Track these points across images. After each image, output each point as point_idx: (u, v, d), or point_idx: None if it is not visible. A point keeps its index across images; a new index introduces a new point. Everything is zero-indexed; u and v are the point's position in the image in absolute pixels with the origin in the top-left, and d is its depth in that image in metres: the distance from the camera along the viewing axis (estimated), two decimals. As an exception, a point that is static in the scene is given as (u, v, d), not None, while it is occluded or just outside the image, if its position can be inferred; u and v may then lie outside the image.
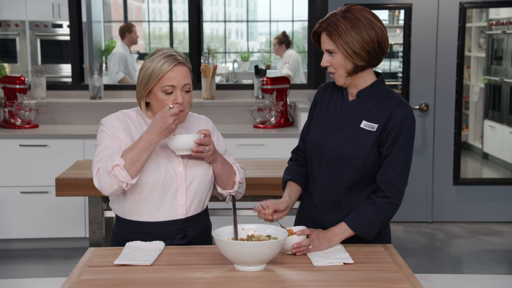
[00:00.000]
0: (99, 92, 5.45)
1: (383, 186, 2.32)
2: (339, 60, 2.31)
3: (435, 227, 5.64)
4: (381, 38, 2.30)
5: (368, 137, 2.33)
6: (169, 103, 2.29)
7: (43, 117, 5.36)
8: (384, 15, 7.57)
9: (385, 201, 2.32)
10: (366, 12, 2.31)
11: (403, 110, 2.33)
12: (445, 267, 4.75)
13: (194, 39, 5.63)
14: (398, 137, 2.31)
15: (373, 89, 2.38)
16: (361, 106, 2.38)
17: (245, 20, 12.37)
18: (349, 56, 2.29)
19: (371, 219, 2.31)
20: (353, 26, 2.27)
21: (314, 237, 2.25)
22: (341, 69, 2.33)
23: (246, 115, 5.40)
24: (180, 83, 2.31)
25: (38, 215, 4.92)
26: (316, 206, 2.44)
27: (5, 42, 8.13)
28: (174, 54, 2.31)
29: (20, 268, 4.67)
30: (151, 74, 2.29)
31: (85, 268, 2.13)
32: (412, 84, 5.65)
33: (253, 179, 3.67)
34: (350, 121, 2.37)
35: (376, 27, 2.29)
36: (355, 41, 2.27)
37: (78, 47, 5.61)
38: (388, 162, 2.32)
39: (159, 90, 2.30)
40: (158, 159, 2.34)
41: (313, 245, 2.25)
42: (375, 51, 2.31)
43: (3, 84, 5.18)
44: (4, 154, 4.87)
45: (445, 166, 5.70)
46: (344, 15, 2.29)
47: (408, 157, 2.34)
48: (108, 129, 2.32)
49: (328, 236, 2.29)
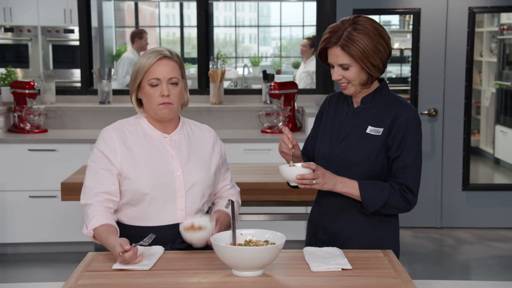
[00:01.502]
0: (108, 97, 5.48)
1: (398, 186, 2.33)
2: (354, 73, 2.30)
3: (444, 232, 5.60)
4: (390, 47, 2.32)
5: (375, 142, 2.34)
6: (157, 96, 2.35)
7: (52, 122, 5.40)
8: (395, 20, 7.55)
9: (400, 192, 2.31)
10: (374, 21, 2.31)
11: (407, 111, 2.33)
12: (453, 273, 4.72)
13: (202, 44, 5.65)
14: (405, 139, 2.31)
15: (376, 94, 2.39)
16: (366, 112, 2.39)
17: (255, 25, 12.38)
18: (367, 68, 2.28)
19: (381, 196, 2.30)
20: (368, 37, 2.26)
21: (319, 173, 2.26)
22: (355, 81, 2.33)
23: (254, 120, 5.41)
24: (166, 76, 2.35)
25: (46, 219, 4.95)
26: (326, 213, 2.44)
27: (18, 47, 8.20)
28: (160, 50, 2.38)
29: (28, 272, 4.70)
30: (139, 69, 2.36)
31: (84, 273, 2.14)
32: (421, 89, 5.63)
33: (258, 184, 3.68)
34: (356, 127, 2.38)
35: (386, 36, 2.31)
36: (371, 52, 2.26)
37: (87, 52, 5.65)
38: (399, 166, 2.32)
39: (146, 84, 2.35)
40: (156, 163, 2.36)
41: (317, 181, 2.26)
42: (387, 61, 2.33)
43: (13, 89, 5.22)
44: (13, 158, 4.90)
45: (454, 171, 5.66)
46: (355, 27, 2.27)
47: (418, 159, 2.35)
48: (102, 147, 2.37)
49: (334, 180, 2.30)
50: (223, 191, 2.57)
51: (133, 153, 2.36)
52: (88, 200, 2.34)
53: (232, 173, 3.85)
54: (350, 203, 2.39)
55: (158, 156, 2.38)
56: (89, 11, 5.66)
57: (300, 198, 3.70)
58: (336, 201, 2.40)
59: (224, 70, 5.49)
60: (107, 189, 2.34)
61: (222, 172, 2.56)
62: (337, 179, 2.31)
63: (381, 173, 2.35)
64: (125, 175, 2.34)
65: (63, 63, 8.16)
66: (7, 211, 4.93)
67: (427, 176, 5.63)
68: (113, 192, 2.35)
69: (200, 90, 5.65)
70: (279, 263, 2.20)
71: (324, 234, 2.44)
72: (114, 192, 2.35)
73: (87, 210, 2.33)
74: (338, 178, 2.31)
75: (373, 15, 5.94)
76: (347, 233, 2.40)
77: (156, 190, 2.33)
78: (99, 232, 2.27)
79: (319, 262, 2.19)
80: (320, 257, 2.24)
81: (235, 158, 4.88)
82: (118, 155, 2.35)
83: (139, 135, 2.41)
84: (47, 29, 8.04)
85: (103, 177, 2.34)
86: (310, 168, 2.26)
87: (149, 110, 2.39)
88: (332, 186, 2.30)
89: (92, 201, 2.33)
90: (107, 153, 2.36)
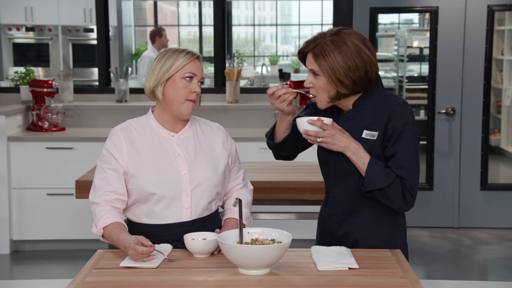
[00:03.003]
0: (125, 95, 5.52)
1: (402, 183, 2.28)
2: (322, 84, 2.25)
3: (462, 232, 5.55)
4: (368, 66, 2.23)
5: (370, 146, 2.28)
6: (187, 92, 2.37)
7: (70, 120, 5.45)
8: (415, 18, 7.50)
9: (402, 188, 2.25)
10: (356, 37, 2.24)
11: (400, 110, 2.27)
12: (470, 274, 4.68)
13: (219, 42, 5.66)
14: (399, 137, 2.25)
15: (368, 94, 2.31)
16: (359, 115, 2.32)
17: (274, 24, 12.38)
18: (333, 82, 2.22)
19: (383, 180, 2.23)
20: (340, 51, 2.20)
21: (326, 133, 2.23)
22: (323, 94, 2.27)
23: (270, 119, 5.40)
24: (199, 75, 2.40)
25: (63, 216, 5.00)
26: (331, 218, 2.43)
27: (39, 46, 8.29)
28: (192, 51, 2.42)
29: (45, 268, 4.75)
30: (174, 63, 2.36)
31: (92, 270, 2.16)
32: (439, 88, 5.58)
33: (270, 182, 3.68)
34: (351, 132, 2.31)
35: (364, 55, 2.22)
36: (340, 68, 2.20)
37: (105, 51, 5.69)
38: (394, 166, 2.25)
39: (180, 77, 2.36)
40: (162, 162, 2.37)
41: (323, 140, 2.23)
42: (361, 80, 2.24)
43: (32, 88, 5.28)
44: (31, 156, 4.96)
45: (473, 171, 5.61)
46: (333, 39, 2.22)
47: (416, 159, 2.27)
48: (109, 147, 2.40)
49: (346, 143, 2.25)
50: (234, 190, 2.57)
51: (139, 152, 2.38)
52: (96, 199, 2.36)
53: (246, 172, 3.87)
54: (353, 208, 2.36)
55: (164, 154, 2.39)
56: (107, 10, 5.70)
57: (314, 197, 3.69)
58: (341, 207, 2.38)
59: (241, 69, 5.50)
60: (115, 189, 2.36)
61: (234, 171, 2.55)
62: (350, 145, 2.25)
63: None
64: (131, 174, 2.36)
65: (83, 62, 8.23)
66: (25, 208, 4.99)
67: (445, 175, 5.59)
68: (120, 191, 2.36)
69: (217, 88, 5.67)
70: (286, 262, 2.20)
71: (331, 237, 2.43)
72: (121, 192, 2.37)
73: (95, 209, 2.35)
74: (353, 144, 2.25)
75: (390, 14, 5.91)
76: (354, 236, 2.38)
77: (162, 188, 2.35)
78: (109, 230, 2.29)
79: (326, 261, 2.18)
80: (328, 256, 2.23)
81: (250, 156, 4.88)
82: (125, 154, 2.37)
83: (146, 134, 2.42)
84: (67, 28, 8.12)
85: (110, 176, 2.36)
86: (316, 125, 2.22)
87: (173, 105, 2.37)
88: (342, 149, 2.25)
89: (99, 200, 2.35)
90: (114, 153, 2.37)
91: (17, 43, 8.18)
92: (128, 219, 2.45)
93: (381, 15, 5.86)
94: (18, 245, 5.10)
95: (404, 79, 6.34)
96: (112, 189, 2.35)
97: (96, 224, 2.33)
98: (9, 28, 8.10)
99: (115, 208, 2.36)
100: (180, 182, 2.36)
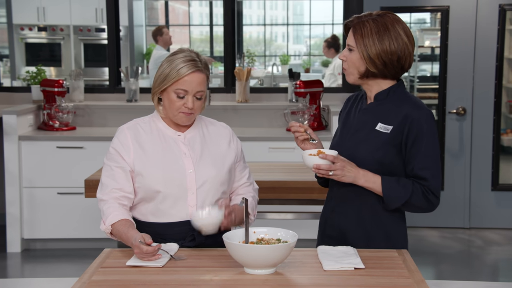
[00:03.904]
0: (135, 95, 5.54)
1: (421, 186, 2.31)
2: (354, 59, 2.33)
3: (472, 233, 5.53)
4: (402, 53, 2.30)
5: (382, 138, 2.32)
6: (180, 105, 2.36)
7: (80, 120, 5.48)
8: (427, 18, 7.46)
9: (422, 192, 2.29)
10: (398, 23, 2.31)
11: (419, 111, 2.30)
12: (481, 275, 4.65)
13: (229, 42, 5.66)
14: (419, 140, 2.28)
15: (391, 92, 2.37)
16: (378, 109, 2.37)
17: (285, 24, 12.37)
18: (364, 58, 2.30)
19: (404, 194, 2.28)
20: (378, 31, 2.28)
21: (338, 166, 2.25)
22: (353, 68, 2.34)
23: (279, 119, 5.40)
24: (194, 90, 2.36)
25: (74, 215, 5.03)
26: (336, 210, 2.43)
27: (51, 46, 8.34)
28: (195, 60, 2.36)
29: (55, 267, 4.78)
30: (169, 74, 2.35)
31: (98, 269, 2.17)
32: (449, 87, 5.55)
33: (279, 182, 3.68)
34: (365, 124, 2.37)
35: (401, 41, 2.29)
36: (373, 47, 2.28)
37: (115, 50, 5.71)
38: (418, 168, 2.29)
39: (173, 91, 2.36)
40: (168, 160, 2.38)
41: (334, 173, 2.25)
42: (392, 64, 2.31)
43: (43, 87, 5.31)
44: (42, 155, 4.99)
45: (484, 171, 5.58)
46: (376, 19, 2.30)
47: (437, 160, 2.31)
48: (116, 145, 2.42)
49: (355, 173, 2.28)
50: (239, 189, 2.57)
51: (145, 151, 2.39)
52: (104, 196, 2.38)
53: (255, 171, 3.88)
54: (360, 200, 2.37)
55: (170, 153, 2.40)
56: (117, 10, 5.72)
57: (322, 196, 3.67)
58: (348, 198, 2.39)
59: (250, 69, 5.50)
60: (122, 186, 2.37)
61: (239, 170, 2.56)
62: (358, 173, 2.29)
63: (392, 173, 2.32)
64: (137, 172, 2.37)
65: (94, 62, 8.27)
66: (36, 207, 5.02)
67: (455, 175, 5.56)
68: (127, 189, 2.38)
69: (226, 88, 5.67)
70: (292, 262, 2.20)
71: (332, 230, 2.43)
72: (128, 190, 2.38)
73: (103, 207, 2.36)
74: (361, 172, 2.29)
75: (400, 13, 5.88)
76: (354, 230, 2.39)
77: (167, 187, 2.36)
78: (117, 227, 2.30)
79: (332, 261, 2.18)
80: (334, 256, 2.23)
81: (259, 156, 4.89)
82: (131, 152, 2.39)
83: (153, 133, 2.43)
84: (79, 28, 8.16)
85: (117, 174, 2.38)
86: (327, 160, 2.25)
87: (169, 113, 2.41)
88: (352, 179, 2.29)
89: (107, 197, 2.37)
90: (121, 151, 2.39)
91: (29, 43, 8.23)
92: (134, 217, 2.46)
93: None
94: (29, 244, 5.13)
95: (416, 79, 6.32)
96: (119, 187, 2.37)
97: (104, 221, 2.34)
98: (22, 28, 8.15)
99: (123, 205, 2.37)
100: (186, 180, 2.37)
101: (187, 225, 2.38)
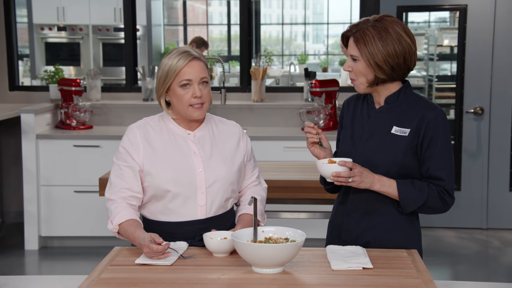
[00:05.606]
0: (151, 94, 5.57)
1: (436, 187, 2.31)
2: (360, 68, 2.30)
3: (490, 234, 5.47)
4: (407, 54, 2.28)
5: (401, 142, 2.31)
6: (188, 98, 2.36)
7: (97, 119, 5.52)
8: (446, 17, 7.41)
9: (438, 193, 2.30)
10: (398, 25, 2.29)
11: (433, 112, 2.30)
12: (497, 276, 4.61)
13: (244, 41, 5.67)
14: (434, 140, 2.28)
15: (401, 94, 2.36)
16: (390, 112, 2.36)
17: (302, 23, 12.35)
18: (371, 66, 2.27)
19: (420, 197, 2.28)
20: (380, 37, 2.26)
21: (356, 172, 2.25)
22: (361, 78, 2.32)
23: (295, 118, 5.40)
24: (197, 77, 2.37)
25: (90, 213, 5.07)
26: (349, 215, 2.42)
27: (70, 45, 8.42)
28: (188, 51, 2.38)
29: (72, 265, 4.82)
30: (168, 71, 2.36)
31: (107, 267, 2.19)
32: (467, 87, 5.50)
33: (292, 181, 3.68)
34: (380, 128, 2.35)
35: (404, 43, 2.27)
36: (379, 53, 2.25)
37: (132, 50, 5.74)
38: (433, 168, 2.29)
39: (177, 86, 2.37)
40: (178, 159, 2.39)
41: (353, 179, 2.25)
42: (399, 67, 2.29)
43: (60, 87, 5.36)
44: (59, 154, 5.04)
45: (502, 171, 5.52)
46: (375, 25, 2.28)
47: (451, 160, 2.33)
48: (125, 144, 2.43)
49: (371, 178, 2.27)
50: (248, 188, 2.57)
51: (155, 150, 2.40)
52: (112, 195, 2.39)
53: (269, 171, 3.89)
54: (375, 205, 2.36)
55: (180, 152, 2.40)
56: (135, 10, 5.75)
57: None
58: (362, 203, 2.38)
59: (266, 68, 5.50)
60: (130, 186, 2.38)
61: (249, 169, 2.56)
62: (374, 178, 2.28)
63: (408, 175, 2.32)
64: (147, 171, 2.38)
65: (112, 61, 8.33)
66: (53, 205, 5.07)
67: (473, 176, 5.51)
68: (136, 189, 2.39)
69: (242, 87, 5.68)
70: (300, 261, 2.20)
71: (346, 235, 2.42)
72: (137, 189, 2.39)
73: (111, 206, 2.38)
74: (376, 177, 2.29)
75: (417, 12, 5.85)
76: (369, 235, 2.38)
77: (177, 186, 2.36)
78: (125, 227, 2.31)
79: (340, 261, 2.17)
80: (342, 255, 2.22)
81: (274, 155, 4.89)
82: (141, 151, 2.39)
83: (163, 132, 2.44)
84: (98, 28, 8.22)
85: (126, 174, 2.39)
86: (347, 166, 2.25)
87: (180, 111, 2.41)
88: (369, 185, 2.28)
89: (115, 197, 2.38)
90: (130, 150, 2.40)
91: (49, 42, 8.31)
92: (143, 216, 2.48)
93: (412, 14, 5.82)
94: (46, 241, 5.18)
95: (434, 78, 6.27)
96: (128, 186, 2.38)
97: (112, 220, 2.35)
98: (42, 28, 8.24)
99: (131, 205, 2.38)
100: (196, 180, 2.38)
101: (196, 224, 2.38)
